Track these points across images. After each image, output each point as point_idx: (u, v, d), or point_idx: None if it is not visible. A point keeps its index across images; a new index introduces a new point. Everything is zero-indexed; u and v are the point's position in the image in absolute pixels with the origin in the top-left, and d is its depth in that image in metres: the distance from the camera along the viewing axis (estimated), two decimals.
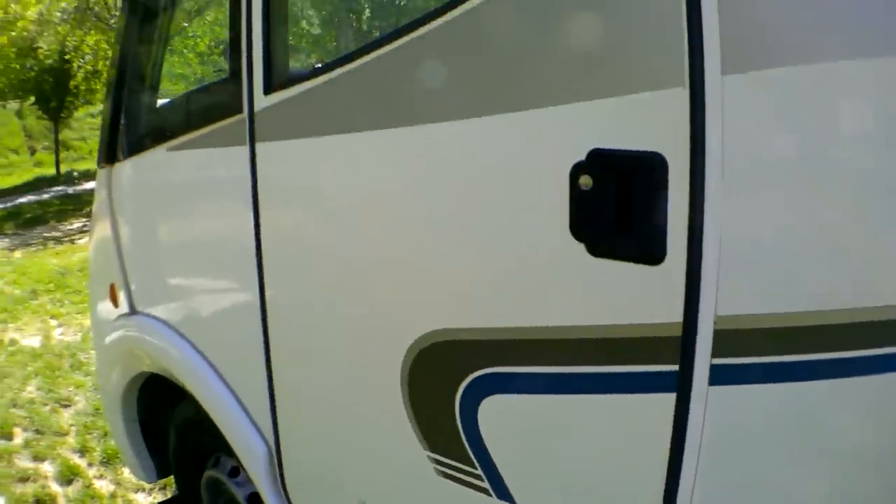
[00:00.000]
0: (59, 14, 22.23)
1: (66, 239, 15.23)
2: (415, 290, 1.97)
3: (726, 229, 1.37)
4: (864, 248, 1.40)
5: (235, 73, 2.41)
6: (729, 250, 1.37)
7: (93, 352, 7.53)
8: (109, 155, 3.34)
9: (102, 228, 3.47)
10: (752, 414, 1.44)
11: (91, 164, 30.77)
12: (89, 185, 25.33)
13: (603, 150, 1.49)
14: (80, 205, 20.24)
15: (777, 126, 1.39)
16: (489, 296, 1.77)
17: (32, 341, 8.40)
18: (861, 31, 1.37)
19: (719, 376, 1.40)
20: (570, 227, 1.54)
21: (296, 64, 3.55)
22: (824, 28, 1.37)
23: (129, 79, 3.25)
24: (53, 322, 9.09)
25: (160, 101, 3.38)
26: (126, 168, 3.26)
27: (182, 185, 2.97)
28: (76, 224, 17.34)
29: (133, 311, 3.29)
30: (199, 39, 23.54)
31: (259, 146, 2.35)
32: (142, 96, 3.30)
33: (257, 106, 2.33)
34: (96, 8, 22.19)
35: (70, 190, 24.56)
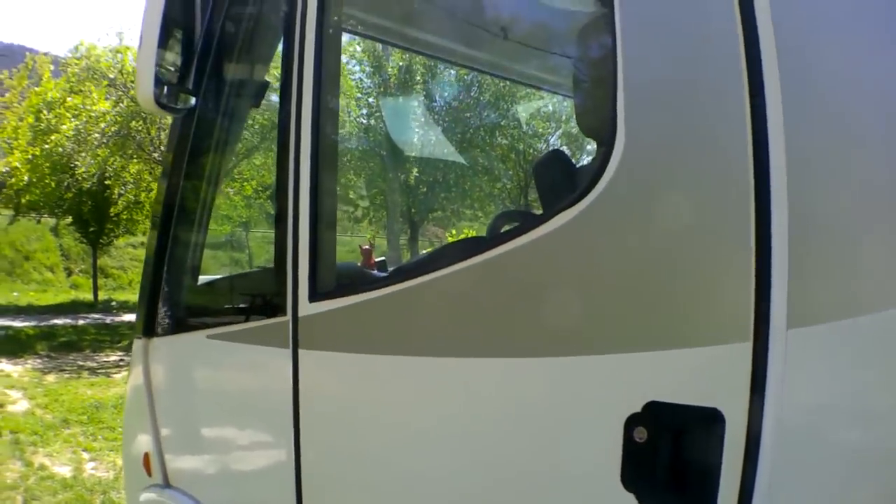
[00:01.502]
0: (97, 136, 21.63)
1: (102, 371, 15.44)
2: None
3: (775, 487, 1.35)
4: None
5: (280, 273, 2.45)
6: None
7: (123, 492, 7.83)
8: (147, 328, 3.33)
9: (138, 399, 3.45)
10: None
11: (131, 296, 30.76)
12: (127, 317, 25.23)
13: (660, 403, 1.47)
14: (117, 337, 20.38)
15: (838, 378, 1.36)
16: None
17: (63, 470, 8.65)
18: None
19: None
20: (621, 478, 1.53)
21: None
22: (886, 277, 1.35)
23: (169, 256, 3.26)
24: (85, 455, 9.34)
25: (201, 281, 3.42)
26: (164, 345, 3.29)
27: (221, 374, 3.03)
28: (113, 357, 17.49)
29: (167, 484, 3.29)
30: (245, 183, 23.52)
31: (302, 353, 2.37)
32: (182, 275, 3.31)
33: (301, 311, 2.36)
34: (138, 136, 21.83)
35: (108, 319, 24.53)
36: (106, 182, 24.11)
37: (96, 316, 25.37)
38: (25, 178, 24.13)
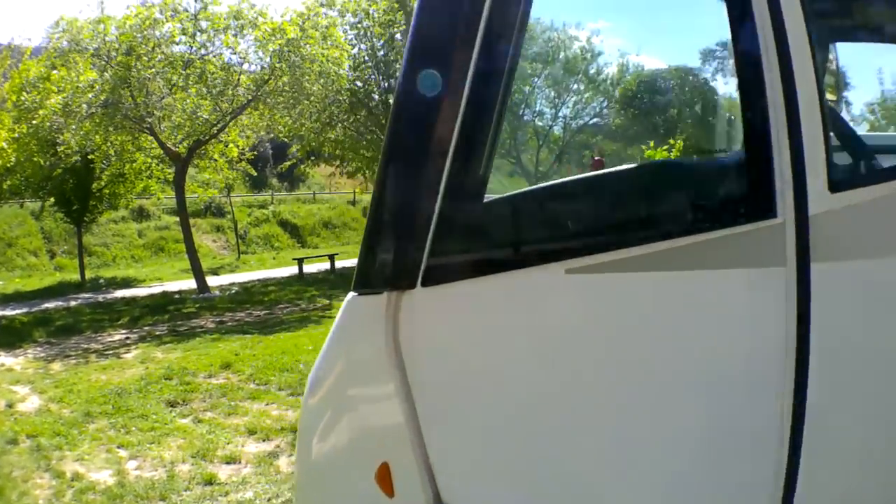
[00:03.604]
0: (85, 107, 20.76)
1: (110, 353, 14.14)
2: None
3: None
4: None
5: (756, 153, 1.91)
6: None
7: (186, 493, 6.52)
8: (396, 277, 2.43)
9: (366, 381, 2.64)
10: None
11: (118, 272, 29.98)
12: (119, 293, 24.61)
13: None
14: (115, 315, 19.32)
15: None
16: None
17: (102, 476, 7.21)
18: None
19: None
20: None
21: None
22: None
23: (452, 172, 2.32)
24: (123, 452, 7.89)
25: (526, 192, 2.66)
26: (449, 296, 2.40)
27: (613, 325, 2.21)
28: (116, 336, 16.30)
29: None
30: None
31: (818, 268, 1.81)
32: (476, 185, 2.36)
33: (814, 208, 1.83)
34: (127, 103, 21.04)
35: (100, 297, 23.62)
36: (89, 157, 23.66)
37: (87, 295, 24.47)
38: (13, 158, 23.34)
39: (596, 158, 4.07)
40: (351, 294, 2.58)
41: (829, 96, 1.88)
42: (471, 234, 2.45)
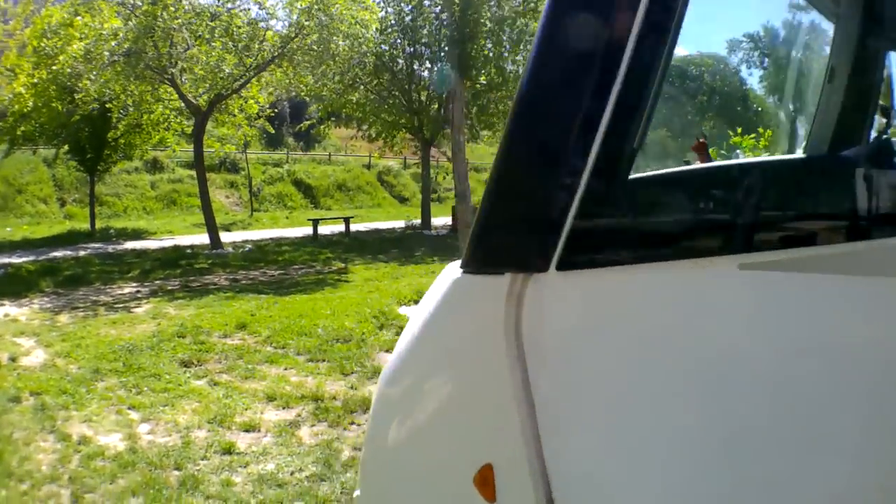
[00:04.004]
0: (107, 55, 20.21)
1: (120, 306, 13.68)
2: None
3: None
4: None
5: None
6: None
7: (203, 462, 6.14)
8: (522, 254, 2.08)
9: (473, 372, 2.21)
10: None
11: (128, 223, 29.58)
12: (129, 244, 24.32)
13: None
14: (125, 267, 18.89)
15: None
16: None
17: (111, 440, 6.71)
18: None
19: None
20: None
21: None
22: None
23: (609, 134, 1.91)
24: (134, 415, 7.39)
25: (692, 171, 2.35)
26: (590, 283, 2.03)
27: (794, 333, 1.84)
28: (127, 289, 15.87)
29: None
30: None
31: None
32: (630, 158, 1.98)
33: None
34: (150, 53, 20.69)
35: (110, 248, 23.33)
36: (106, 106, 23.40)
37: (96, 245, 24.18)
38: (30, 103, 23.23)
39: (700, 140, 3.55)
40: (457, 271, 2.19)
41: None
42: (624, 215, 2.09)
